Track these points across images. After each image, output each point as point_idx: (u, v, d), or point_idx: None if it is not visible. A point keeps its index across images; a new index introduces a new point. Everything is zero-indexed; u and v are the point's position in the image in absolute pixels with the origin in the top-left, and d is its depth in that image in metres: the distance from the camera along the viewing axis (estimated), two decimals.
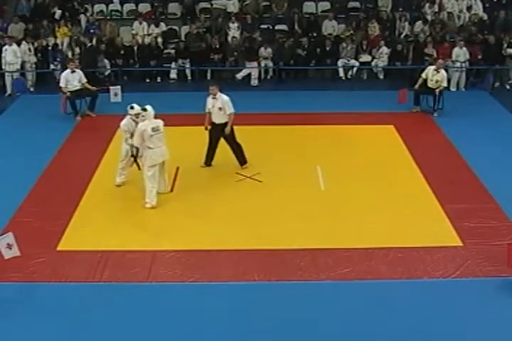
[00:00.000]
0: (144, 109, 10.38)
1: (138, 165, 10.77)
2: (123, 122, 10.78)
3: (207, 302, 8.03)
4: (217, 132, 11.45)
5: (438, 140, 13.26)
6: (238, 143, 11.60)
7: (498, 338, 7.46)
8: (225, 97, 11.29)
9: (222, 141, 11.59)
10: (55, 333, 7.53)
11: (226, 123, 11.33)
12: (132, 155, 10.73)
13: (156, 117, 10.40)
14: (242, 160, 11.69)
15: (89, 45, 17.50)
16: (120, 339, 7.48)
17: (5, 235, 8.49)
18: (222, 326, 7.63)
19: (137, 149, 10.50)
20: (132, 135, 10.56)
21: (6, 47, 16.58)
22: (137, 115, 10.53)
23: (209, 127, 11.51)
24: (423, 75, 14.62)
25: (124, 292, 8.28)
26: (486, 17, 18.65)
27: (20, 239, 8.62)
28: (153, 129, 10.23)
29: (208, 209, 10.42)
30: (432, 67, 14.57)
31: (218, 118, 11.35)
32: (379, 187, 11.04)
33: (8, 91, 16.56)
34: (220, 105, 11.24)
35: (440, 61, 14.90)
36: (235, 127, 11.50)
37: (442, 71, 14.51)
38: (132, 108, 10.66)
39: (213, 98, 11.31)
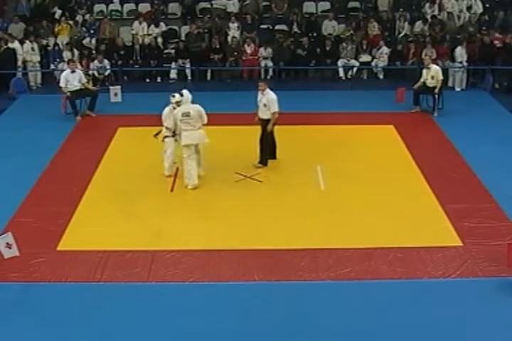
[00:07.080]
0: (181, 94, 10.78)
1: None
2: (164, 111, 11.12)
3: (207, 302, 8.03)
4: (262, 127, 11.61)
5: (438, 140, 13.26)
6: (268, 143, 11.66)
7: (498, 338, 7.46)
8: (272, 95, 11.42)
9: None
10: (55, 333, 7.52)
11: (269, 120, 11.46)
12: (157, 134, 11.23)
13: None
14: (262, 159, 11.72)
15: (4, 47, 16.78)
16: (120, 339, 7.48)
17: (4, 235, 8.50)
18: (222, 326, 7.62)
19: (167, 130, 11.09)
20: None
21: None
22: (178, 103, 10.83)
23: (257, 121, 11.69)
24: (421, 79, 14.67)
25: (124, 292, 8.28)
26: (485, 17, 18.63)
27: (20, 239, 8.64)
28: (183, 114, 10.67)
29: (208, 209, 10.43)
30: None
31: (261, 114, 11.55)
32: (379, 187, 11.04)
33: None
34: (265, 101, 11.39)
35: (425, 57, 15.17)
36: (276, 127, 11.62)
37: (433, 66, 14.58)
38: (173, 96, 10.94)
39: (261, 93, 11.48)
